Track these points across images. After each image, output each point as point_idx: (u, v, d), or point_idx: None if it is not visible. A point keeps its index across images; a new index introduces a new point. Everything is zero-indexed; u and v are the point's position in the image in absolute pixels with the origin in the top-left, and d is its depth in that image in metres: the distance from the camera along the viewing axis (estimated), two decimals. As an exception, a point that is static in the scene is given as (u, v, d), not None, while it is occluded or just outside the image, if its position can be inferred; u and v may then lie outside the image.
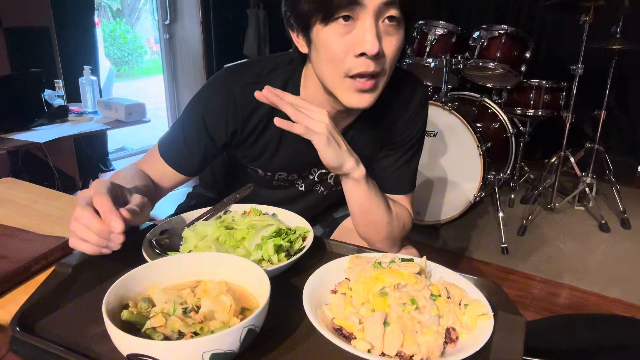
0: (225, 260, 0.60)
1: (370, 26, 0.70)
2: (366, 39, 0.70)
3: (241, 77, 0.86)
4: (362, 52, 0.71)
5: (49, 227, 0.82)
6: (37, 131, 2.21)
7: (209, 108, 0.87)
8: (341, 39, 0.72)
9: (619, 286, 2.14)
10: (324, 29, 0.73)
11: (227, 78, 0.87)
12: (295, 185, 1.01)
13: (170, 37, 4.20)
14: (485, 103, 2.77)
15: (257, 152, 0.93)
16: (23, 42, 2.64)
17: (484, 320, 0.56)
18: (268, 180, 0.99)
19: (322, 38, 0.74)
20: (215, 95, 0.87)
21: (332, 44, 0.73)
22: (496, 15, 3.71)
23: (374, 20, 0.70)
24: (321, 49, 0.75)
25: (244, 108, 0.86)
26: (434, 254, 2.41)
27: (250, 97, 0.85)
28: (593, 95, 2.84)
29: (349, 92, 0.77)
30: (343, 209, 1.14)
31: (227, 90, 0.86)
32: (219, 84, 0.88)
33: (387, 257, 0.66)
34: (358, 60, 0.72)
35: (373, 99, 0.78)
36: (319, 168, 0.98)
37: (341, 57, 0.73)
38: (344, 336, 0.54)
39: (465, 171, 2.47)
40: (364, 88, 0.75)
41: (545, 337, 0.90)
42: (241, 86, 0.85)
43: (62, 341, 0.53)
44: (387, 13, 0.71)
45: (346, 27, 0.71)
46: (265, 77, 0.87)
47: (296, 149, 0.91)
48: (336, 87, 0.78)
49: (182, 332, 0.49)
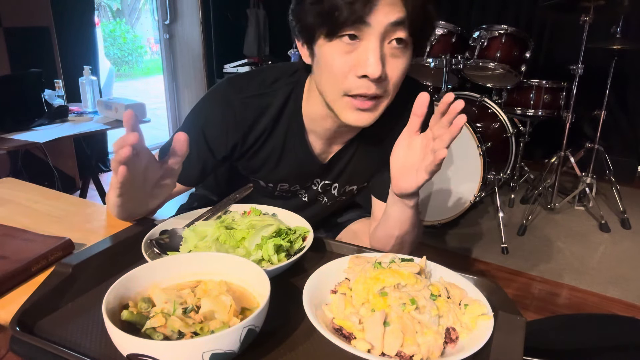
0: (225, 260, 0.60)
1: (375, 48, 0.68)
2: (369, 61, 0.68)
3: (243, 89, 0.85)
4: (364, 74, 0.69)
5: (49, 227, 0.82)
6: (37, 131, 2.21)
7: (209, 120, 0.85)
8: (344, 57, 0.70)
9: (619, 286, 2.14)
10: (327, 45, 0.71)
11: (228, 90, 0.85)
12: (299, 196, 1.00)
13: (170, 37, 4.20)
14: (485, 103, 2.77)
15: (258, 164, 0.91)
16: (23, 42, 2.65)
17: (484, 320, 0.56)
18: (270, 191, 0.98)
19: (325, 53, 0.72)
20: (216, 107, 0.85)
21: (334, 61, 0.71)
22: (496, 15, 3.70)
23: (379, 42, 0.68)
24: (323, 64, 0.73)
25: (245, 121, 0.85)
26: (434, 254, 2.41)
27: (251, 109, 0.84)
28: (593, 95, 2.84)
29: (347, 109, 0.75)
30: (347, 214, 1.14)
31: (228, 103, 0.84)
32: (220, 96, 0.86)
33: (387, 257, 0.66)
34: (359, 81, 0.70)
35: (372, 119, 0.76)
36: (322, 179, 0.97)
37: (342, 75, 0.71)
38: (344, 336, 0.54)
39: (465, 171, 2.47)
40: (362, 107, 0.73)
41: (545, 337, 0.90)
42: (243, 98, 0.84)
43: (62, 341, 0.53)
44: (394, 35, 0.69)
45: (350, 45, 0.69)
46: (268, 89, 0.85)
47: (298, 160, 0.90)
48: (335, 103, 0.76)
49: (182, 332, 0.49)
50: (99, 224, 0.86)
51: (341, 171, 0.95)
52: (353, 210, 1.14)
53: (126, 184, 0.66)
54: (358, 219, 1.11)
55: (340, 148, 0.92)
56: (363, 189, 1.02)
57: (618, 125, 3.63)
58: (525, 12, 3.68)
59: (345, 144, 0.92)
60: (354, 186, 0.99)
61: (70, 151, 2.98)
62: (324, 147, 0.91)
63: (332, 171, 0.95)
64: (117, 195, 0.68)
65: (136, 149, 0.61)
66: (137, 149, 0.61)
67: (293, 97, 0.86)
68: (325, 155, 0.93)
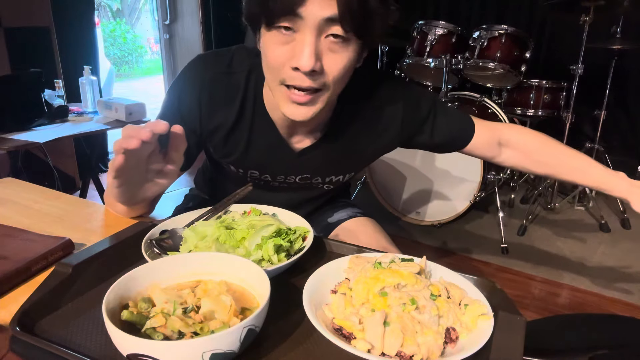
0: (225, 260, 0.60)
1: (309, 42, 0.67)
2: (302, 54, 0.67)
3: (214, 65, 0.86)
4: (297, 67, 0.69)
5: (49, 227, 0.82)
6: (37, 131, 2.21)
7: (183, 98, 0.87)
8: (280, 48, 0.70)
9: (619, 286, 2.14)
10: (268, 34, 0.71)
11: (199, 65, 0.87)
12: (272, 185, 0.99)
13: (170, 37, 4.20)
14: (485, 103, 2.77)
15: (229, 147, 0.91)
16: (23, 42, 2.65)
17: (484, 320, 0.56)
18: (241, 178, 0.98)
19: (265, 42, 0.73)
20: (188, 82, 0.87)
21: (270, 51, 0.71)
22: (496, 15, 3.70)
23: (314, 36, 0.67)
24: (263, 52, 0.75)
25: (216, 97, 0.86)
26: (434, 254, 2.41)
27: (221, 86, 0.85)
28: (593, 95, 2.84)
29: (284, 101, 0.75)
30: (338, 215, 1.13)
31: (200, 77, 0.85)
32: (192, 71, 0.87)
33: (387, 257, 0.66)
34: (293, 72, 0.70)
35: (311, 113, 0.75)
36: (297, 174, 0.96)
37: (277, 65, 0.71)
38: (344, 336, 0.54)
39: (465, 171, 2.47)
40: (298, 101, 0.73)
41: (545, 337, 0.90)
42: (213, 74, 0.85)
43: (62, 341, 0.53)
44: (329, 30, 0.68)
45: (286, 37, 0.69)
46: (237, 67, 0.86)
47: (268, 144, 0.90)
48: (275, 92, 0.77)
49: (182, 332, 0.49)
50: (98, 224, 0.86)
51: (317, 165, 0.95)
52: (344, 210, 1.14)
53: (124, 171, 0.68)
54: (350, 219, 1.11)
55: (313, 143, 0.92)
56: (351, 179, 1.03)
57: (618, 125, 3.63)
58: (525, 12, 3.67)
59: (318, 140, 0.91)
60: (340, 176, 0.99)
61: (70, 151, 2.98)
62: (290, 134, 0.90)
63: (307, 165, 0.94)
64: (113, 177, 0.70)
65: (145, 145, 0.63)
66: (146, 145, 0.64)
67: (254, 79, 0.86)
68: (298, 145, 0.92)
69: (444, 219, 2.59)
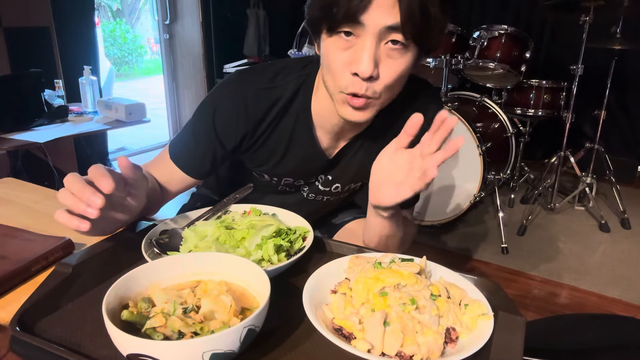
0: (225, 260, 0.60)
1: (369, 47, 0.68)
2: (361, 60, 0.68)
3: (255, 81, 0.85)
4: (356, 72, 0.69)
5: (49, 227, 0.82)
6: (37, 131, 2.21)
7: (220, 111, 0.85)
8: (340, 53, 0.71)
9: (619, 286, 2.14)
10: (329, 39, 0.72)
11: (239, 81, 0.86)
12: (301, 192, 1.01)
13: (170, 37, 4.20)
14: (485, 103, 2.77)
15: (264, 156, 0.91)
16: (23, 42, 2.64)
17: (484, 320, 0.56)
18: (274, 186, 0.98)
19: (325, 47, 0.73)
20: (227, 98, 0.85)
21: (331, 56, 0.72)
22: (496, 15, 3.71)
23: (375, 42, 0.68)
24: (323, 58, 0.75)
25: (256, 112, 0.85)
26: (434, 254, 2.41)
27: (263, 101, 0.85)
28: (593, 95, 2.84)
29: (343, 104, 0.76)
30: (342, 216, 1.14)
31: (240, 94, 0.84)
32: (231, 87, 0.86)
33: (387, 257, 0.66)
34: (352, 78, 0.71)
35: (368, 117, 0.77)
36: (326, 174, 0.97)
37: (338, 71, 0.72)
38: (344, 336, 0.54)
39: (465, 171, 2.47)
40: (354, 105, 0.74)
41: (545, 337, 0.90)
42: (254, 90, 0.84)
43: (62, 341, 0.53)
44: (390, 37, 0.69)
45: (347, 42, 0.70)
46: (279, 82, 0.85)
47: (305, 154, 0.91)
48: (334, 97, 0.77)
49: (182, 332, 0.49)
50: (99, 224, 0.86)
51: (345, 167, 0.96)
52: (347, 212, 1.15)
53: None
54: (353, 220, 1.11)
55: (346, 143, 0.92)
56: (363, 186, 1.02)
57: (618, 125, 3.63)
58: (525, 12, 3.68)
59: (351, 139, 0.92)
60: (358, 183, 1.00)
61: (70, 151, 2.97)
62: (331, 142, 0.91)
63: (336, 167, 0.96)
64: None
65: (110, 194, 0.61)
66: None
67: (302, 91, 0.86)
68: (332, 150, 0.93)
69: (444, 219, 2.59)
